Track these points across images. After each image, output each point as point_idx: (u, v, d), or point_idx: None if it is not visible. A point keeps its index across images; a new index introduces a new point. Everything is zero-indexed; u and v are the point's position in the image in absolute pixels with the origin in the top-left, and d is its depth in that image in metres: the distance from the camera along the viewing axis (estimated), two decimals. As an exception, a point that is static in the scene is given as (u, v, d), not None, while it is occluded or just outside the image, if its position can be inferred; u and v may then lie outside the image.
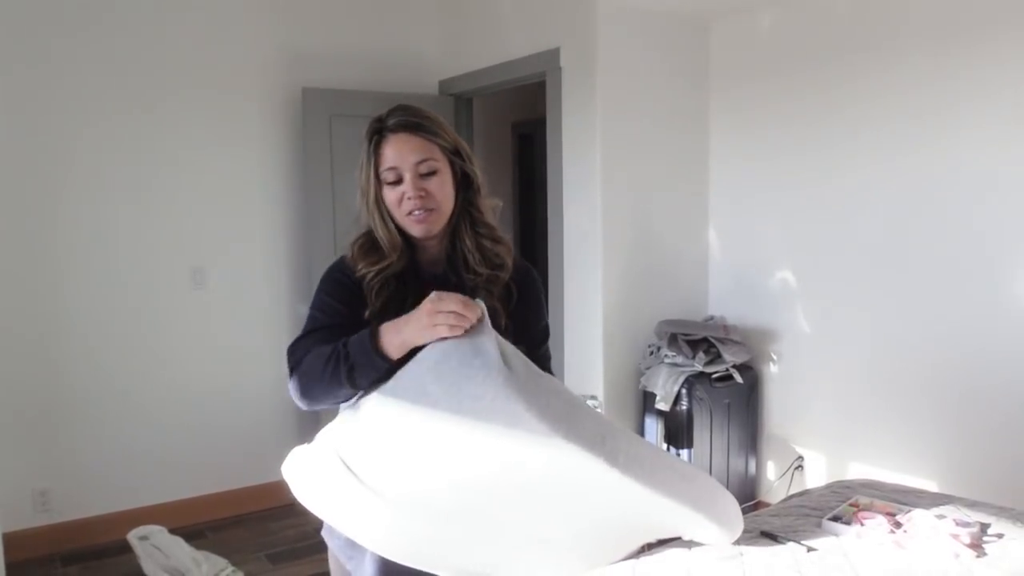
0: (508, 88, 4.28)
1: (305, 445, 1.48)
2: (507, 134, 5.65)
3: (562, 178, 3.78)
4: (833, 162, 3.44)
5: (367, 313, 1.52)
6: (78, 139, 3.61)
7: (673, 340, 3.61)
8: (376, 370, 1.40)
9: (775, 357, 3.75)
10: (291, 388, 1.50)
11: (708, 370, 3.55)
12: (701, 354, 3.56)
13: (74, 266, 3.63)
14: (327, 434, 1.45)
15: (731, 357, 3.60)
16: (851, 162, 3.37)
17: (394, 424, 1.35)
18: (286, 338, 4.07)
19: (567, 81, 3.70)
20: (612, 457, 1.30)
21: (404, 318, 1.40)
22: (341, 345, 1.42)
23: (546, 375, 1.41)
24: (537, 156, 5.13)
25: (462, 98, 4.45)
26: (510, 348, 1.36)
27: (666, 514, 1.44)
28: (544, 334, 1.71)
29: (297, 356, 1.51)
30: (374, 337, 1.40)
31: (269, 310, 4.12)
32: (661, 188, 3.81)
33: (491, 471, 1.33)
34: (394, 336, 1.39)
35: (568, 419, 1.29)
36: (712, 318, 3.91)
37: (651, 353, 3.71)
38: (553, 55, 3.73)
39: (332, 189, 4.02)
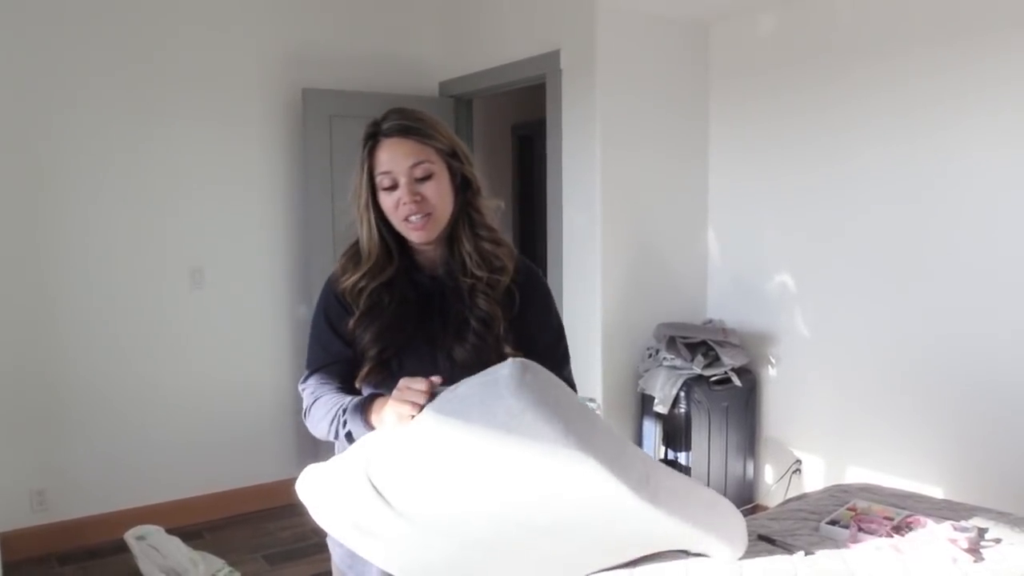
0: (508, 90, 4.28)
1: (320, 464, 1.46)
2: (507, 136, 5.64)
3: (561, 180, 3.78)
4: (832, 166, 3.44)
5: (350, 323, 1.54)
6: (78, 139, 3.60)
7: (672, 343, 3.60)
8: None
9: (774, 360, 3.75)
10: (308, 427, 1.58)
11: (706, 373, 3.55)
12: (700, 357, 3.56)
13: (73, 265, 3.63)
14: (356, 453, 1.42)
15: (729, 360, 3.59)
16: (850, 165, 3.37)
17: (434, 454, 1.33)
18: (284, 339, 4.11)
19: (567, 83, 3.70)
20: (655, 496, 1.30)
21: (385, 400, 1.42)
22: (340, 411, 1.47)
23: (597, 415, 1.39)
24: (537, 158, 5.13)
25: (462, 100, 4.45)
26: (564, 389, 1.35)
27: (686, 539, 1.45)
28: (558, 333, 1.67)
29: (306, 401, 1.57)
30: (366, 411, 1.43)
31: (268, 311, 4.12)
32: (660, 191, 3.81)
33: (529, 506, 1.32)
34: (379, 417, 1.41)
35: (619, 460, 1.29)
36: (711, 321, 3.91)
37: (650, 356, 3.71)
38: (553, 57, 3.73)
39: (332, 190, 4.02)
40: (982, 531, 1.85)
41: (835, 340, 3.49)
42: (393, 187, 1.50)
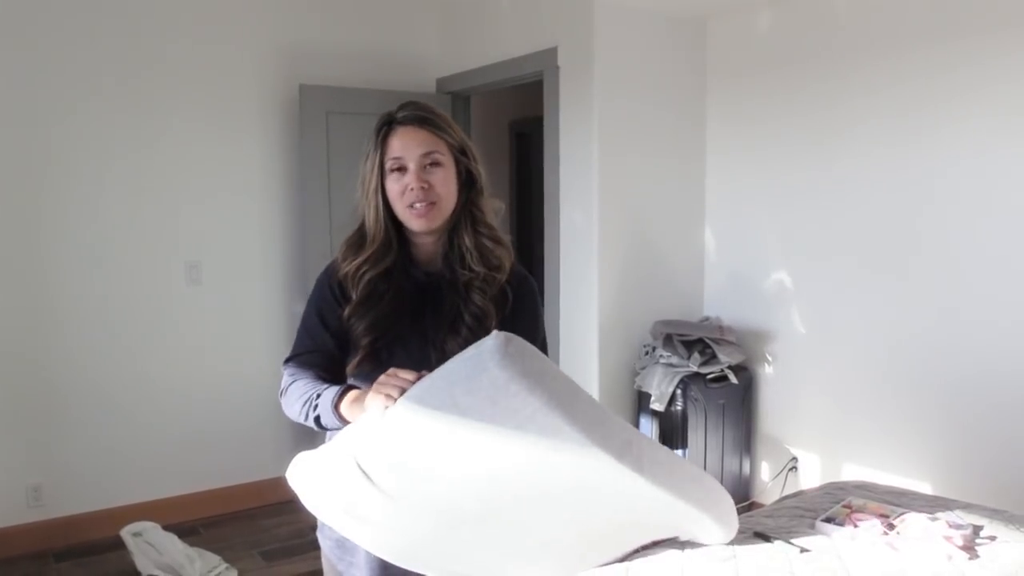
0: (506, 87, 4.28)
1: (311, 451, 1.48)
2: (504, 133, 5.64)
3: (559, 177, 3.78)
4: (830, 163, 3.44)
5: (346, 311, 1.55)
6: (74, 134, 3.60)
7: (668, 340, 3.61)
8: (338, 427, 1.46)
9: (770, 358, 3.75)
10: (282, 406, 1.59)
11: (703, 371, 3.55)
12: (696, 354, 3.57)
13: (69, 261, 3.62)
14: (344, 438, 1.43)
15: (726, 358, 3.60)
16: (848, 163, 3.38)
17: (420, 432, 1.34)
18: (281, 335, 4.11)
19: (564, 80, 3.70)
20: (638, 463, 1.32)
21: (365, 392, 1.41)
22: (313, 395, 1.49)
23: (579, 386, 1.40)
24: (534, 155, 5.13)
25: (459, 96, 4.45)
26: (546, 361, 1.36)
27: (674, 515, 1.45)
28: (542, 334, 1.70)
29: (284, 381, 1.58)
30: (339, 401, 1.45)
31: (264, 306, 4.11)
32: (658, 188, 3.81)
33: (516, 478, 1.33)
34: (356, 409, 1.42)
35: (601, 427, 1.30)
36: (708, 319, 3.91)
37: (646, 353, 3.72)
38: (550, 54, 3.72)
39: (328, 185, 4.02)
40: (977, 528, 1.85)
41: (832, 338, 3.50)
42: (402, 173, 1.53)
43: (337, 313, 1.57)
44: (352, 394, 1.45)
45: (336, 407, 1.45)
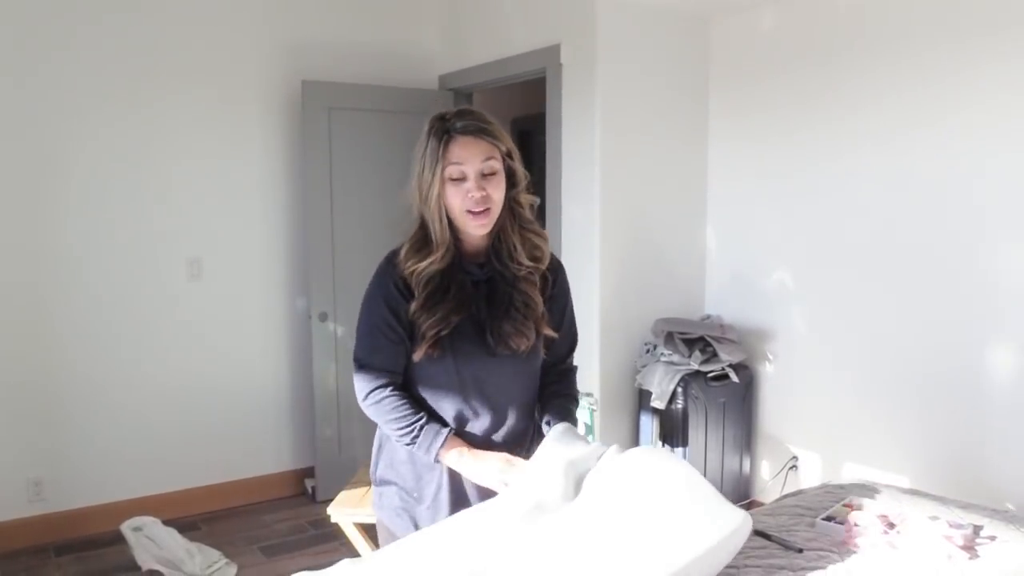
0: (508, 84, 4.27)
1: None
2: (507, 129, 5.62)
3: (561, 175, 3.78)
4: (832, 163, 3.44)
5: (412, 306, 1.67)
6: (77, 130, 3.59)
7: (669, 338, 3.61)
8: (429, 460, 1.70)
9: (771, 357, 3.75)
10: (363, 407, 1.74)
11: (704, 369, 3.55)
12: (697, 353, 3.57)
13: (70, 256, 3.62)
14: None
15: (727, 356, 3.60)
16: (850, 163, 3.37)
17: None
18: (281, 330, 4.11)
19: (567, 77, 3.69)
20: None
21: (476, 458, 1.66)
22: (418, 428, 1.68)
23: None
24: (536, 152, 5.12)
25: (462, 93, 4.44)
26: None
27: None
28: (572, 316, 1.90)
29: (368, 386, 1.72)
30: (440, 447, 1.66)
31: (265, 302, 4.11)
32: (660, 186, 3.81)
33: None
34: (456, 461, 1.66)
35: None
36: (709, 317, 3.91)
37: (647, 351, 3.72)
38: (554, 51, 3.72)
39: (330, 181, 4.01)
40: (977, 528, 1.85)
41: (832, 337, 3.49)
42: (461, 181, 1.63)
43: (405, 308, 1.69)
44: (461, 452, 1.67)
45: (438, 453, 1.67)
